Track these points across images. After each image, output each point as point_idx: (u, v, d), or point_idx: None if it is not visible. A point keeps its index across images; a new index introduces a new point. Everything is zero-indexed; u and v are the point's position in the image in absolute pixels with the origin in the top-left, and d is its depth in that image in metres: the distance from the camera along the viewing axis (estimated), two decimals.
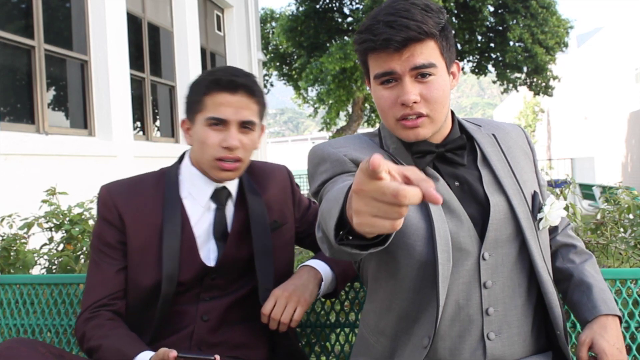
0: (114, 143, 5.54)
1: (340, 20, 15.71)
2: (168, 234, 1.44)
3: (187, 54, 7.50)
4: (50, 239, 2.33)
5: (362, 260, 1.37)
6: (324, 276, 1.52)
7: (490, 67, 16.07)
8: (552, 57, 15.07)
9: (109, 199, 1.48)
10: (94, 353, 1.38)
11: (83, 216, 2.34)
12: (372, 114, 16.93)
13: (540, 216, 1.27)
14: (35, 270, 2.27)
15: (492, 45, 15.44)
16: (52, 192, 2.46)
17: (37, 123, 4.76)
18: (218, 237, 1.49)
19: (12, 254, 2.19)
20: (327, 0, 15.44)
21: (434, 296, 1.19)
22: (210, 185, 1.50)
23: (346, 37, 14.79)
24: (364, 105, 15.93)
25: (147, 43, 6.83)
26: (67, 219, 2.32)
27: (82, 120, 5.50)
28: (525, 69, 15.30)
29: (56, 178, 2.99)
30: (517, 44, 14.82)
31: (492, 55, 15.73)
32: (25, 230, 2.29)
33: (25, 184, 4.09)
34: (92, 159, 5.18)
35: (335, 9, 15.57)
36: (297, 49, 16.11)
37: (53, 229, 2.33)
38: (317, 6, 15.27)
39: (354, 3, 15.27)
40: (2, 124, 4.35)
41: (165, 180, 1.51)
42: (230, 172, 1.45)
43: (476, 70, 16.16)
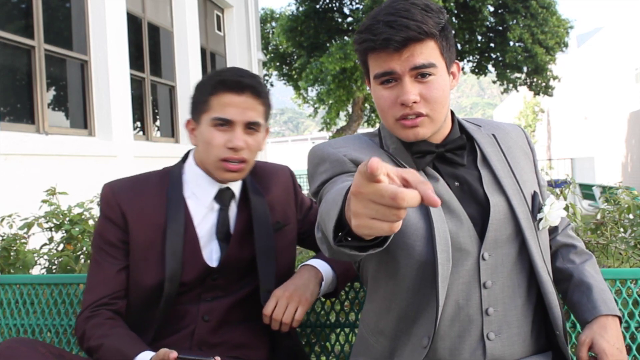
0: (114, 143, 5.54)
1: (340, 20, 15.70)
2: (171, 234, 1.43)
3: (187, 54, 7.50)
4: (50, 239, 2.33)
5: (362, 260, 1.37)
6: (325, 275, 1.51)
7: (490, 67, 16.06)
8: (552, 57, 15.06)
9: (112, 197, 1.47)
10: (94, 352, 1.38)
11: (83, 216, 2.34)
12: (372, 114, 16.93)
13: (540, 216, 1.27)
14: (35, 270, 2.27)
15: (492, 45, 15.43)
16: (52, 192, 2.46)
17: (37, 123, 4.76)
18: (221, 238, 1.49)
19: (12, 254, 2.19)
20: (327, 0, 15.43)
21: (433, 296, 1.19)
22: (214, 186, 1.49)
23: (346, 37, 14.78)
24: (364, 105, 15.92)
25: (147, 43, 6.83)
26: (67, 219, 2.32)
27: (82, 120, 5.50)
28: (525, 69, 15.29)
29: (56, 178, 2.99)
30: (517, 44, 14.81)
31: (492, 55, 15.73)
32: (25, 230, 2.29)
33: (25, 184, 4.09)
34: (92, 159, 5.18)
35: (335, 9, 15.56)
36: (297, 49, 16.10)
37: (53, 229, 2.33)
38: (317, 6, 15.26)
39: (354, 3, 15.27)
40: (2, 124, 4.35)
41: (168, 179, 1.50)
42: (235, 173, 1.44)
43: (476, 70, 16.16)
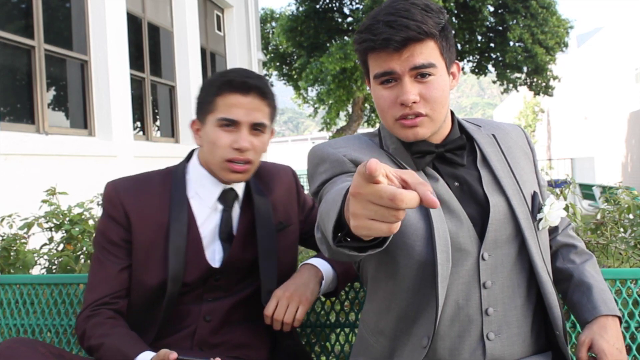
0: (114, 143, 5.54)
1: (340, 20, 15.70)
2: (174, 234, 1.43)
3: (187, 54, 7.50)
4: (50, 239, 2.33)
5: (362, 260, 1.37)
6: (325, 274, 1.51)
7: (490, 67, 16.06)
8: (552, 57, 15.06)
9: (115, 196, 1.46)
10: (95, 352, 1.38)
11: (83, 216, 2.34)
12: (372, 114, 16.93)
13: (540, 216, 1.27)
14: (35, 270, 2.27)
15: (492, 45, 15.43)
16: (52, 192, 2.46)
17: (37, 123, 4.76)
18: (224, 239, 1.49)
19: (12, 254, 2.19)
20: (327, 0, 15.43)
21: (433, 296, 1.19)
22: (218, 187, 1.49)
23: (346, 37, 14.78)
24: (364, 105, 15.92)
25: (147, 43, 6.82)
26: (67, 219, 2.32)
27: (82, 120, 5.50)
28: (525, 69, 15.29)
29: (56, 178, 2.99)
30: (517, 44, 14.81)
31: (492, 55, 15.72)
32: (25, 230, 2.29)
33: (25, 184, 4.09)
34: (92, 159, 5.18)
35: (335, 9, 15.56)
36: (297, 49, 16.10)
37: (53, 229, 2.33)
38: (317, 6, 15.26)
39: (354, 3, 15.26)
40: (2, 124, 4.35)
41: (171, 179, 1.50)
42: (240, 174, 1.44)
43: (476, 70, 16.16)
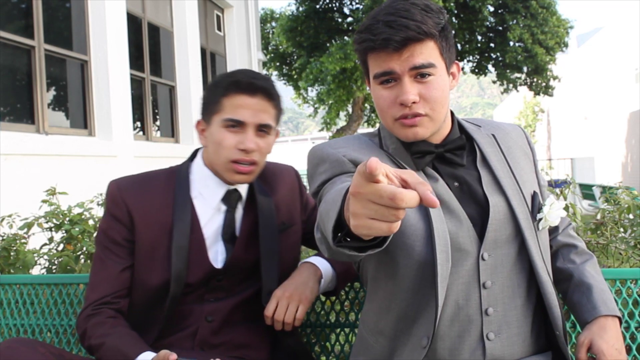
0: (114, 143, 5.54)
1: (340, 20, 15.70)
2: (178, 234, 1.42)
3: (187, 54, 7.50)
4: (50, 239, 2.33)
5: (362, 260, 1.37)
6: (324, 273, 1.51)
7: (490, 67, 16.06)
8: (552, 57, 15.07)
9: (118, 195, 1.45)
10: (95, 351, 1.38)
11: (83, 216, 2.34)
12: (372, 114, 16.94)
13: (540, 216, 1.26)
14: (35, 270, 2.27)
15: (492, 45, 15.43)
16: (52, 192, 2.46)
17: (37, 123, 4.76)
18: (226, 239, 1.48)
19: (12, 254, 2.19)
20: (327, 0, 15.43)
21: (433, 296, 1.19)
22: (222, 187, 1.49)
23: (346, 37, 14.78)
24: (364, 105, 15.92)
25: (147, 43, 6.82)
26: (67, 219, 2.32)
27: (82, 120, 5.50)
28: (525, 69, 15.29)
29: (56, 178, 2.99)
30: (517, 44, 14.81)
31: (492, 55, 15.73)
32: (25, 230, 2.29)
33: (25, 184, 4.09)
34: (92, 159, 5.18)
35: (335, 9, 15.56)
36: (297, 49, 16.10)
37: (53, 229, 2.33)
38: (317, 6, 15.26)
39: (354, 3, 15.27)
40: (2, 124, 4.35)
41: (175, 178, 1.49)
42: (245, 175, 1.43)
43: (476, 70, 16.16)
